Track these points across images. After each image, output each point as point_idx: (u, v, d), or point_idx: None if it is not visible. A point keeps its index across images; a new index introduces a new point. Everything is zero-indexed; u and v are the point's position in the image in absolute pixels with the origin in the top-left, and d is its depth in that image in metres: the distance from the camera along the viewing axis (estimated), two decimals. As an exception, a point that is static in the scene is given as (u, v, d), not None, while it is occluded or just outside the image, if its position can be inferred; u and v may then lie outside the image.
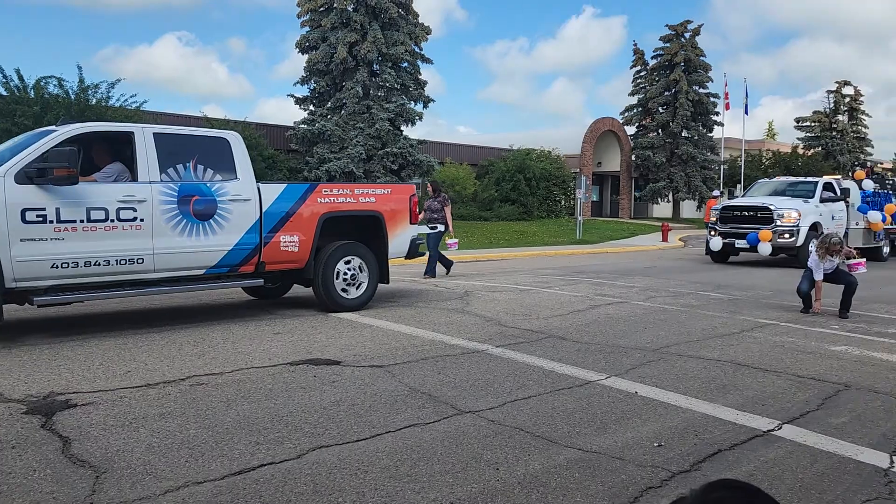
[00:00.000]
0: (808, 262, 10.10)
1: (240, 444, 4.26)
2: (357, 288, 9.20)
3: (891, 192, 21.80)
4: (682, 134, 42.94)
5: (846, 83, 54.44)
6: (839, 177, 22.07)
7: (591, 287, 12.32)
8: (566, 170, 36.83)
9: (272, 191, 8.38)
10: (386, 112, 26.25)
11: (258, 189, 8.21)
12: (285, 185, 8.61)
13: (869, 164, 27.22)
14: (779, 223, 17.50)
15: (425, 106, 29.13)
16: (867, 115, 55.06)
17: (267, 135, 27.69)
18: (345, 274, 9.01)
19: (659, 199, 43.75)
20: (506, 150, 37.13)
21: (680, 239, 30.16)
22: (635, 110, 44.93)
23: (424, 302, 10.05)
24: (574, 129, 41.76)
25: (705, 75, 43.32)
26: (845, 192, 19.31)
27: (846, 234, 18.97)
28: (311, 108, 28.68)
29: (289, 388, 5.49)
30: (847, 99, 54.37)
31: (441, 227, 13.67)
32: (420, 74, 29.03)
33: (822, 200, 18.68)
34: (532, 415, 4.99)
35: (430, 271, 13.38)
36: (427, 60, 29.41)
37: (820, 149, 52.24)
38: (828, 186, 19.31)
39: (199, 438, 4.37)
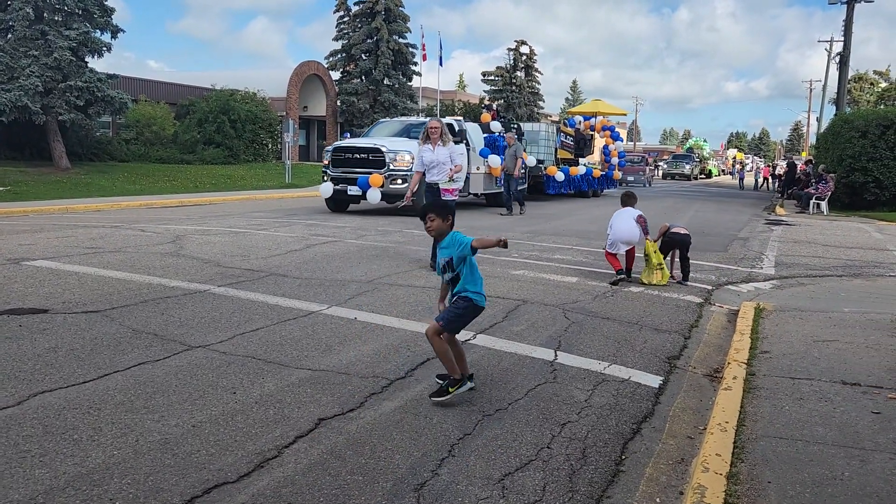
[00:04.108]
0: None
1: (-56, 399, 3.94)
2: None
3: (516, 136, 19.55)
4: (385, 82, 44.63)
5: (523, 42, 60.90)
6: (460, 118, 20.44)
7: (306, 228, 12.69)
8: (272, 113, 36.20)
9: None
10: (66, 40, 23.23)
11: None
12: None
13: (495, 106, 25.52)
14: (392, 167, 15.42)
15: (114, 36, 26.32)
16: (539, 72, 62.38)
17: None
18: None
19: (364, 145, 45.17)
20: (208, 90, 35.25)
21: (384, 183, 31.69)
22: (339, 56, 45.46)
23: (133, 247, 9.56)
24: (279, 72, 40.99)
25: (404, 25, 45.26)
26: (461, 134, 16.98)
27: (467, 178, 17.08)
28: (-34, 29, 24.37)
29: (-10, 339, 5.07)
30: (524, 57, 60.88)
31: None
32: (106, 0, 26.16)
33: None
34: (262, 344, 5.29)
35: None
36: (113, -15, 26.60)
37: (503, 101, 58.03)
38: (448, 128, 17.36)
39: None
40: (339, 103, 44.24)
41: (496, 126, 20.24)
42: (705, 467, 3.43)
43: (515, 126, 22.02)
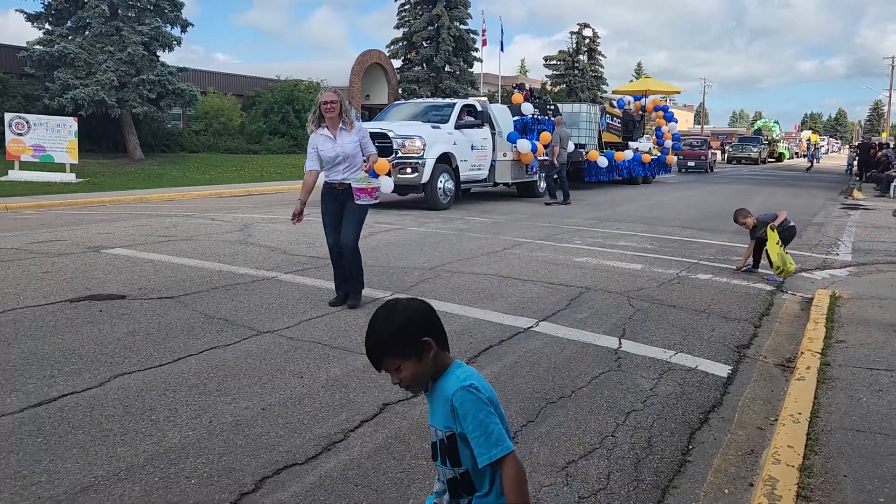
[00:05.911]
0: None
1: (33, 379, 4.16)
2: None
3: (551, 119, 18.13)
4: (445, 69, 44.62)
5: (586, 25, 59.84)
6: (485, 98, 19.08)
7: (368, 216, 12.81)
8: (335, 102, 36.62)
9: None
10: (139, 35, 24.06)
11: None
12: None
13: (528, 86, 22.72)
14: (400, 154, 13.65)
15: (183, 30, 27.09)
16: (603, 55, 61.24)
17: (-8, 56, 24.19)
18: None
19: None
20: (272, 81, 35.92)
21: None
22: (401, 44, 45.64)
23: (204, 235, 9.87)
24: (341, 62, 41.44)
25: (465, 11, 45.06)
26: (481, 116, 15.89)
27: (492, 166, 16.24)
28: (48, 26, 25.41)
29: (74, 323, 5.33)
30: (587, 40, 59.85)
31: None
32: (176, -5, 26.94)
33: (459, 126, 15.06)
34: (327, 330, 5.40)
35: None
36: (182, -20, 27.29)
37: (564, 85, 57.29)
38: (469, 110, 15.82)
39: (-16, 378, 4.18)
40: (400, 91, 44.43)
41: (528, 108, 18.14)
42: (776, 459, 3.34)
43: (552, 107, 20.17)
